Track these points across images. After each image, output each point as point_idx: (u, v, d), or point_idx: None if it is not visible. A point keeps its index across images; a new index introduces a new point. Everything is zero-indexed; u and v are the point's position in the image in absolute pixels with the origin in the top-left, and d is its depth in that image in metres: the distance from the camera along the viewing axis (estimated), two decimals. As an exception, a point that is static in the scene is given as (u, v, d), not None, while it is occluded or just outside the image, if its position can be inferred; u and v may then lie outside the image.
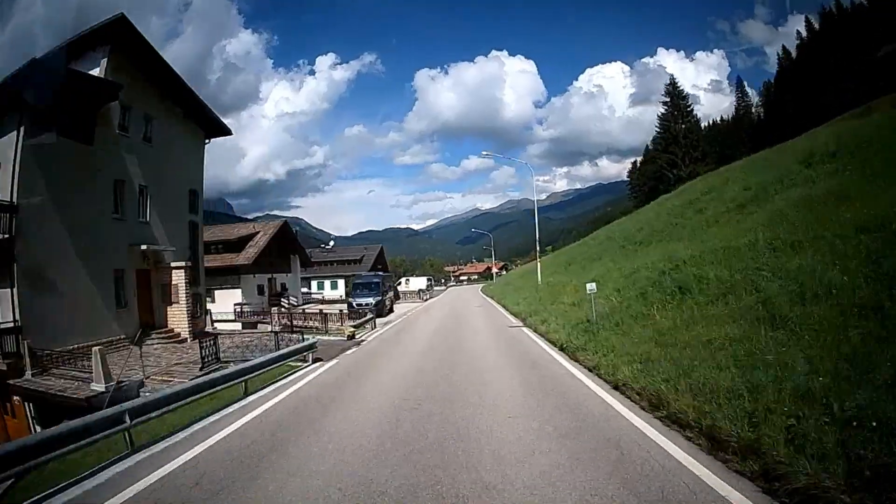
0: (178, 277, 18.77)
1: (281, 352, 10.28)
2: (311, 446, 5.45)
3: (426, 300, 41.00)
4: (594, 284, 11.06)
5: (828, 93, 48.99)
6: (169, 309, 19.03)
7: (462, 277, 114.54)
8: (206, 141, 23.39)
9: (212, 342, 13.34)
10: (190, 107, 21.89)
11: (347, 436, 5.70)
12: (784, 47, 75.70)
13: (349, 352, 12.81)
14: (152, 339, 18.75)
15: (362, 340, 15.01)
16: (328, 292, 59.84)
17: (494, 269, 46.09)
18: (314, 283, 60.91)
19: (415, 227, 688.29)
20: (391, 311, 28.56)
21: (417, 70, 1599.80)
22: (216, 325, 30.11)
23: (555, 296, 18.20)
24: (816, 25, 60.51)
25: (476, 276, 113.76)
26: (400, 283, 57.76)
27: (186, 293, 18.74)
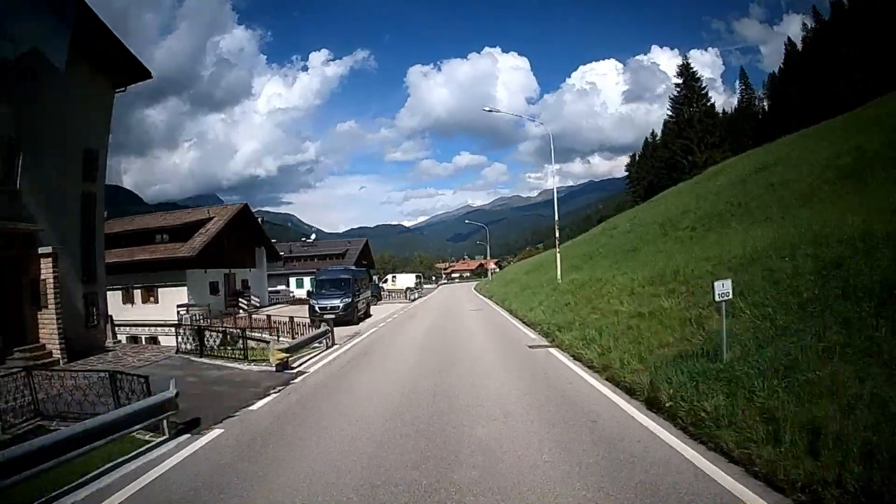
0: (47, 269, 13.00)
1: (85, 426, 4.72)
2: None
3: (413, 300, 35.48)
4: (729, 283, 5.61)
5: (839, 81, 46.69)
6: (39, 315, 13.27)
7: (454, 275, 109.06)
8: (121, 90, 17.58)
9: (22, 383, 7.66)
10: (94, 41, 16.02)
11: None
12: (789, 39, 73.69)
13: (261, 403, 7.19)
14: (15, 359, 13.00)
15: (301, 372, 9.38)
16: (306, 291, 54.09)
17: (492, 265, 40.43)
18: (293, 281, 55.13)
19: (406, 223, 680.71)
20: (367, 315, 22.95)
21: (410, 66, 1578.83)
22: (146, 336, 24.42)
23: (590, 299, 12.78)
24: (826, 16, 57.28)
25: (468, 274, 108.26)
26: (386, 281, 52.13)
27: (55, 292, 12.96)
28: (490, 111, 35.18)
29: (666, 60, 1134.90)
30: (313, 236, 59.98)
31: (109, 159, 17.16)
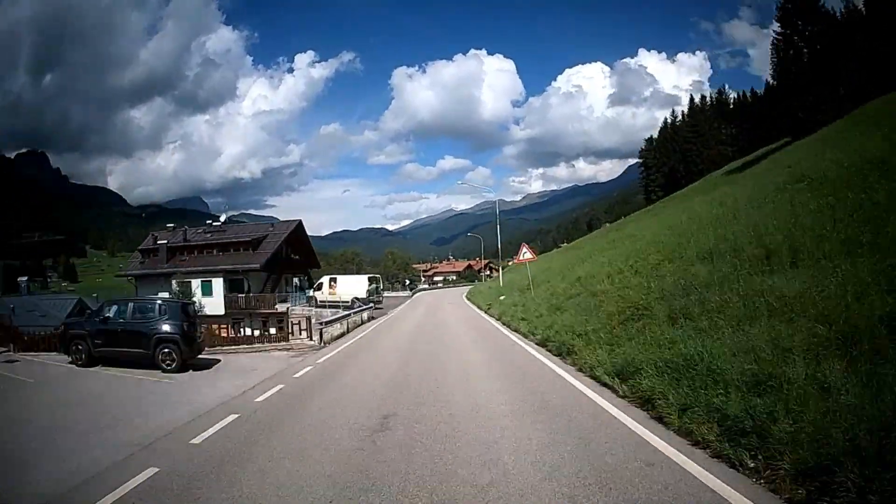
0: None
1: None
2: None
3: (328, 344, 13.89)
4: None
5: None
6: None
7: (437, 278, 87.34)
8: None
9: None
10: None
11: None
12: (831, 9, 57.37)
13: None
14: None
15: None
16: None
17: (526, 254, 20.76)
18: (175, 284, 32.85)
19: (389, 227, 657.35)
20: None
21: (395, 68, 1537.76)
22: None
23: None
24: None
25: (454, 277, 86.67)
26: (320, 287, 30.28)
27: None
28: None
29: (653, 63, 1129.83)
30: (223, 217, 37.63)
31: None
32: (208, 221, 38.19)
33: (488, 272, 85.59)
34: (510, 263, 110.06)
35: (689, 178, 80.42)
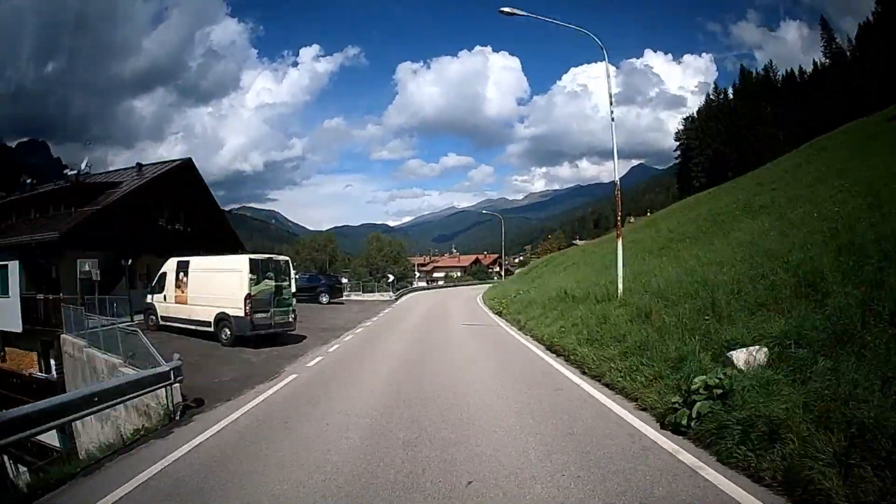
0: None
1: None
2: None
3: None
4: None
5: None
6: None
7: (437, 274, 71.91)
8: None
9: None
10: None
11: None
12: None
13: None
14: None
15: None
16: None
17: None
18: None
19: (391, 223, 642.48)
20: None
21: (400, 63, 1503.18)
22: None
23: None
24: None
25: (460, 273, 71.19)
26: (162, 288, 14.32)
27: None
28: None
29: (659, 64, 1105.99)
30: (84, 164, 22.11)
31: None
32: (66, 170, 22.86)
33: (499, 269, 70.26)
34: (529, 257, 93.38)
35: (741, 162, 65.38)
